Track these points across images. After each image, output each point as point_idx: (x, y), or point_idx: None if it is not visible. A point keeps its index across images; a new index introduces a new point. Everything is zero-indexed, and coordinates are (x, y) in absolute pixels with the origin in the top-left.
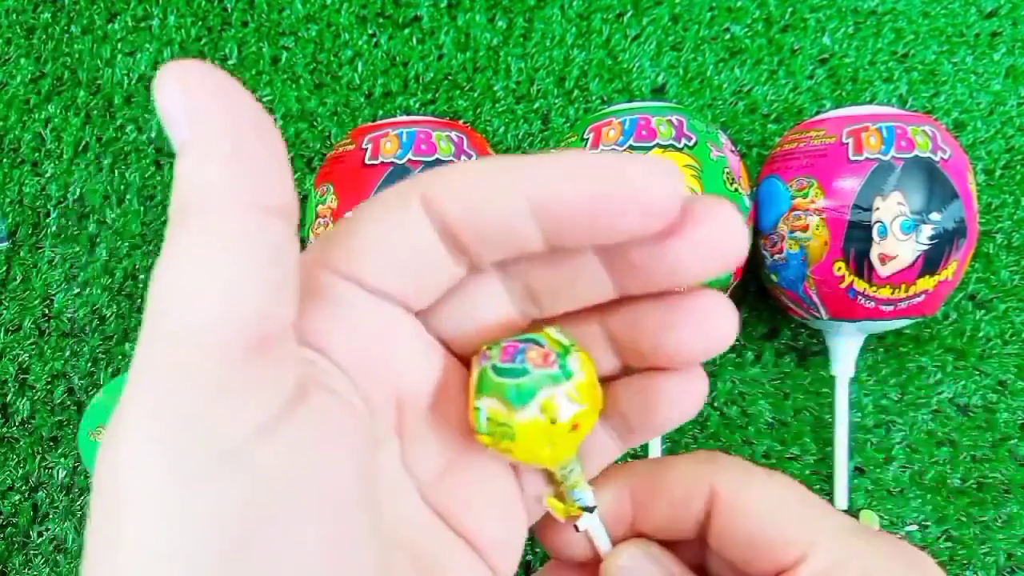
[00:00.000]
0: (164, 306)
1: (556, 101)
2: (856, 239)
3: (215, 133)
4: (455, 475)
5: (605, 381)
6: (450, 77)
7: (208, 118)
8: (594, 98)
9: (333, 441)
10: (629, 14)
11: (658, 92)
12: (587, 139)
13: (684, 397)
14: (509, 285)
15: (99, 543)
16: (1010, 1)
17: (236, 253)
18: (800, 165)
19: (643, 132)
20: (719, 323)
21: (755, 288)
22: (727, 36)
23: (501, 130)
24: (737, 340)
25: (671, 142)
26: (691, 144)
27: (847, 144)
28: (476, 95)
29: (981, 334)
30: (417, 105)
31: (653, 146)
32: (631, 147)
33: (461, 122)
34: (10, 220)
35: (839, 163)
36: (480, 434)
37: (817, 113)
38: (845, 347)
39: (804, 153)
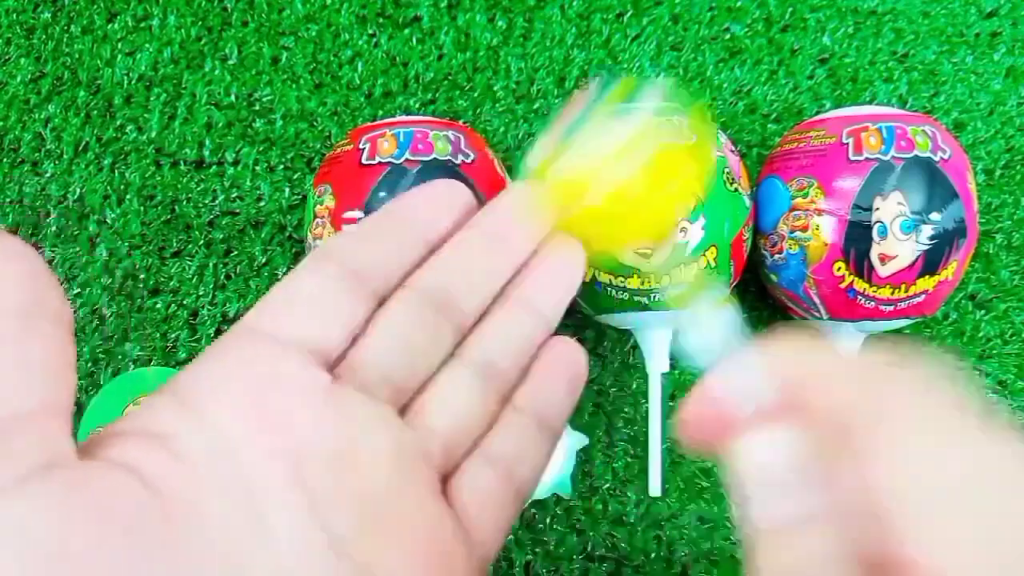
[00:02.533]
0: None
1: (556, 101)
2: (856, 239)
3: None
4: (377, 531)
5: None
6: (450, 77)
7: None
8: None
9: (87, 511)
10: (629, 14)
11: None
12: None
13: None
14: (422, 295)
15: None
16: (1010, 1)
17: None
18: (800, 165)
19: None
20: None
21: (755, 288)
22: (727, 36)
23: (501, 130)
24: None
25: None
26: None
27: (847, 144)
28: (476, 95)
29: (981, 334)
30: (417, 105)
31: None
32: None
33: (461, 122)
34: (10, 220)
35: (839, 163)
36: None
37: (817, 113)
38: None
39: (804, 153)
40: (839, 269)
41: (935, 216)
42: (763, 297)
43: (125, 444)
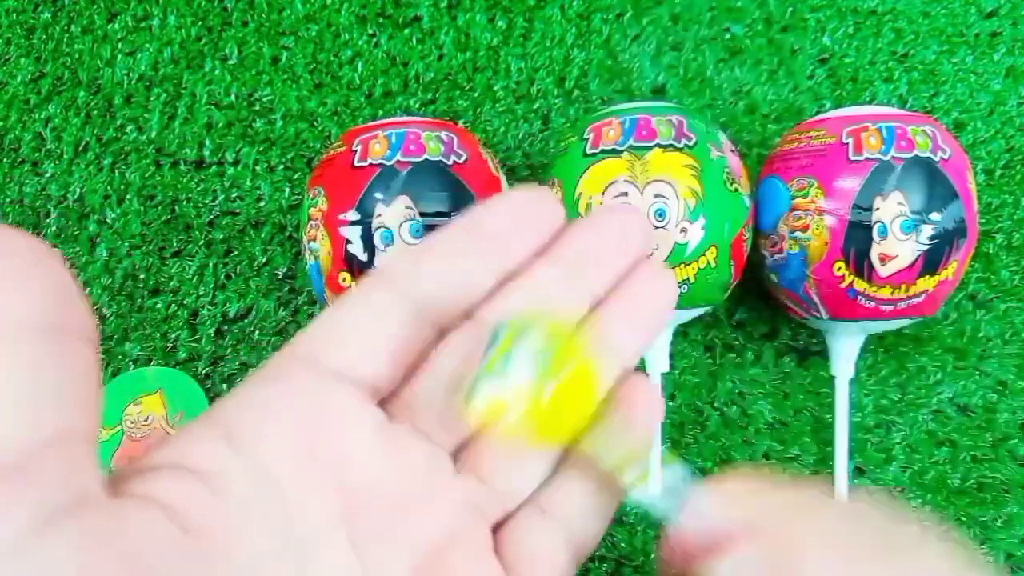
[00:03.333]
0: None
1: (556, 101)
2: (856, 239)
3: None
4: (436, 570)
5: None
6: (450, 77)
7: None
8: (594, 98)
9: (118, 555)
10: (629, 14)
11: (658, 92)
12: (587, 139)
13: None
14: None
15: None
16: (1010, 1)
17: None
18: (800, 165)
19: (643, 132)
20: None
21: (755, 288)
22: (727, 36)
23: (501, 130)
24: (737, 340)
25: (671, 142)
26: (691, 144)
27: (847, 144)
28: (476, 95)
29: (981, 334)
30: (417, 105)
31: (653, 146)
32: (631, 147)
33: (461, 122)
34: (10, 220)
35: (839, 163)
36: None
37: (817, 113)
38: (845, 347)
39: (804, 153)
40: (839, 269)
41: (935, 216)
42: (763, 297)
43: (161, 479)
